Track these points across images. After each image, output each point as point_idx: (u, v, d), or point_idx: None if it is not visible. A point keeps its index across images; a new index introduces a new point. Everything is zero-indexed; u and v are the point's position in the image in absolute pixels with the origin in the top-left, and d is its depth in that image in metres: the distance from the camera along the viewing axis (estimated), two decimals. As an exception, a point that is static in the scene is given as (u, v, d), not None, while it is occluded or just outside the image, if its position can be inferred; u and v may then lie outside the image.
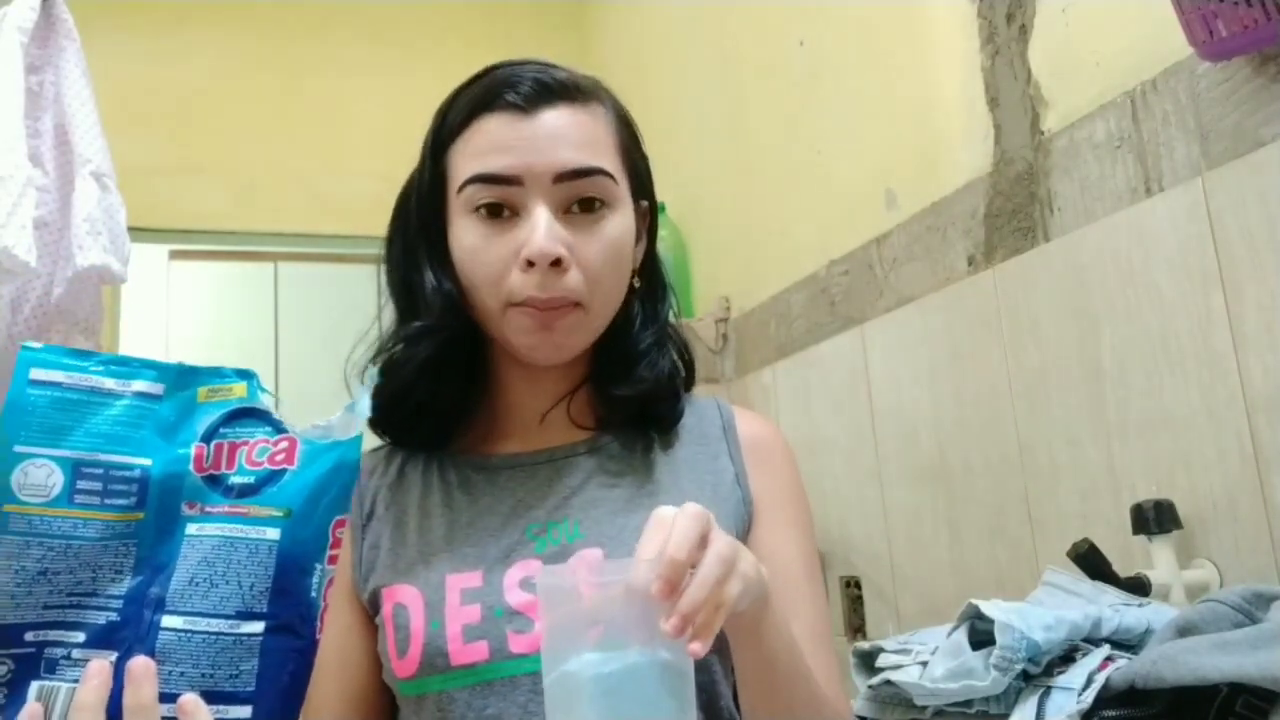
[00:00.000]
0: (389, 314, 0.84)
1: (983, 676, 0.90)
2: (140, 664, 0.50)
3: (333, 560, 0.54)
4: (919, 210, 1.57)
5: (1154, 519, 1.06)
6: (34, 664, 0.51)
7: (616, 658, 0.54)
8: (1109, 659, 0.88)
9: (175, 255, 3.89)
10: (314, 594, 0.53)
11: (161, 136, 2.86)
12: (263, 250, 3.39)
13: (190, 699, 0.50)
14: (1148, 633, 0.92)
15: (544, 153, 0.74)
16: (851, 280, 1.75)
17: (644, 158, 0.85)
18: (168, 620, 0.51)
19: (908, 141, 1.61)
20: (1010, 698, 0.91)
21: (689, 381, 0.88)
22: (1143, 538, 1.08)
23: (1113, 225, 1.19)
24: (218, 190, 2.93)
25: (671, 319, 0.88)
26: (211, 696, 0.50)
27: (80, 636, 0.51)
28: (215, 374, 0.55)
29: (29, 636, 0.51)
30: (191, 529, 0.53)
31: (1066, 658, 0.90)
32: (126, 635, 0.51)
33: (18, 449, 0.51)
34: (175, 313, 3.85)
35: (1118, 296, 1.18)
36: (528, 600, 0.74)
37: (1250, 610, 0.82)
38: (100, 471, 0.52)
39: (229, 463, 0.54)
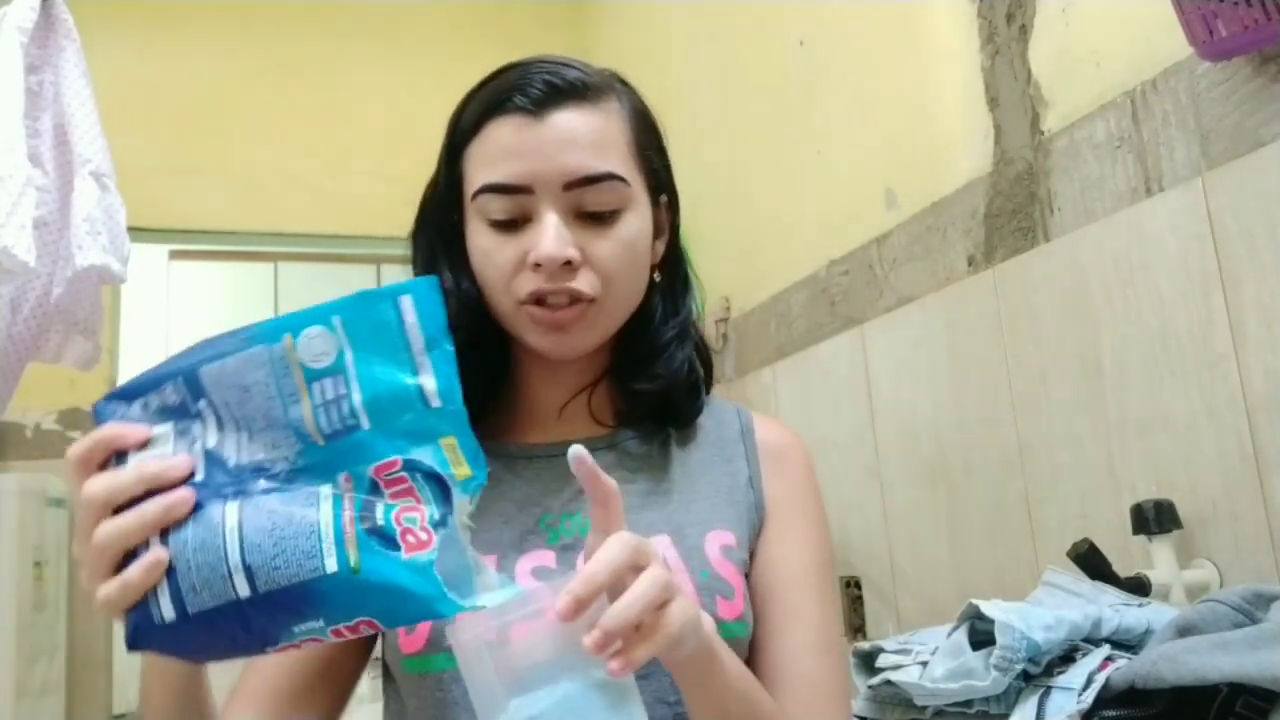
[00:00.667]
0: None
1: (983, 676, 0.90)
2: (185, 496, 0.53)
3: (336, 633, 0.54)
4: (919, 210, 1.57)
5: (1154, 519, 1.06)
6: (184, 415, 0.55)
7: (545, 694, 0.53)
8: (1109, 659, 0.88)
9: (175, 255, 3.90)
10: (296, 630, 0.53)
11: (161, 136, 2.87)
12: (263, 250, 3.40)
13: (158, 556, 0.52)
14: (1148, 633, 0.92)
15: (553, 159, 0.74)
16: (851, 280, 1.75)
17: (661, 152, 0.84)
18: (230, 509, 0.53)
19: (908, 141, 1.61)
20: (1010, 698, 0.91)
21: (707, 380, 0.88)
22: (1143, 538, 1.08)
23: (1113, 225, 1.19)
24: (218, 190, 2.93)
25: (695, 312, 0.87)
26: (171, 578, 0.52)
27: (212, 441, 0.55)
28: (469, 445, 0.56)
29: (201, 403, 0.55)
30: (324, 490, 0.54)
31: (1066, 658, 0.90)
32: (216, 480, 0.54)
33: (334, 318, 0.54)
34: (175, 313, 3.86)
35: (1118, 296, 1.18)
36: (534, 583, 0.74)
37: (1250, 610, 0.82)
38: (342, 393, 0.55)
39: (394, 495, 0.55)
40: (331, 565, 0.52)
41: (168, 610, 0.52)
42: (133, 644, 0.54)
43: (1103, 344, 1.20)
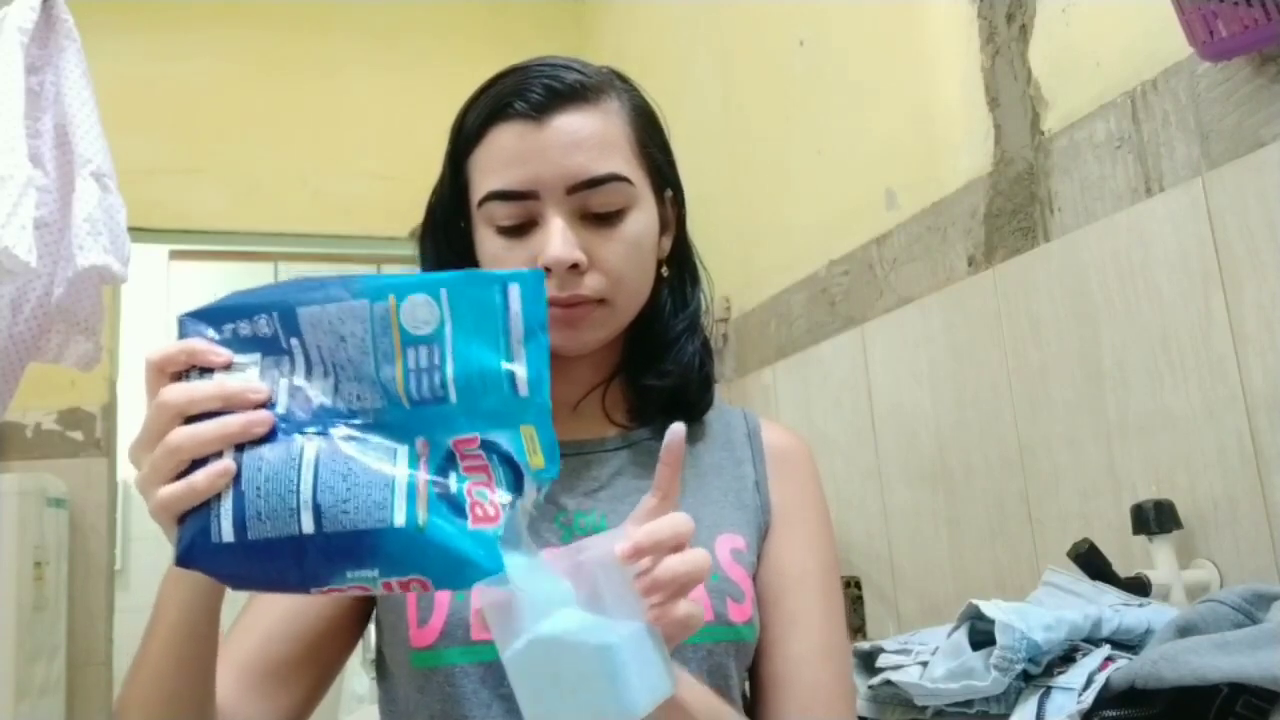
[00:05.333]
0: None
1: (983, 677, 0.90)
2: (265, 417, 0.54)
3: (386, 586, 0.55)
4: (919, 210, 1.57)
5: (1154, 519, 1.06)
6: (274, 349, 0.56)
7: (602, 620, 0.54)
8: (1109, 659, 0.88)
9: (175, 255, 3.90)
10: (349, 576, 0.54)
11: (161, 136, 2.87)
12: (263, 250, 3.39)
13: (228, 465, 0.53)
14: (1148, 633, 0.92)
15: (556, 163, 0.74)
16: (851, 280, 1.75)
17: (664, 147, 0.84)
18: (310, 442, 0.54)
19: (908, 141, 1.61)
20: (1010, 698, 0.91)
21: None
22: (1143, 538, 1.08)
23: (1113, 225, 1.19)
24: (218, 190, 2.93)
25: (704, 305, 0.88)
26: (238, 500, 0.53)
27: (299, 381, 0.56)
28: (548, 434, 0.57)
29: (294, 341, 0.56)
30: (400, 450, 0.56)
31: (1067, 658, 0.90)
32: (297, 415, 0.55)
33: (440, 290, 0.56)
34: (175, 313, 3.86)
35: (1118, 296, 1.18)
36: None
37: (1250, 610, 0.82)
38: (437, 364, 0.56)
39: (466, 469, 0.56)
40: (400, 519, 0.53)
41: (227, 531, 0.53)
42: (184, 560, 0.54)
43: (1103, 344, 1.20)
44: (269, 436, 0.54)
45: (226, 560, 0.54)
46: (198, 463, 0.53)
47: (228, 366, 0.55)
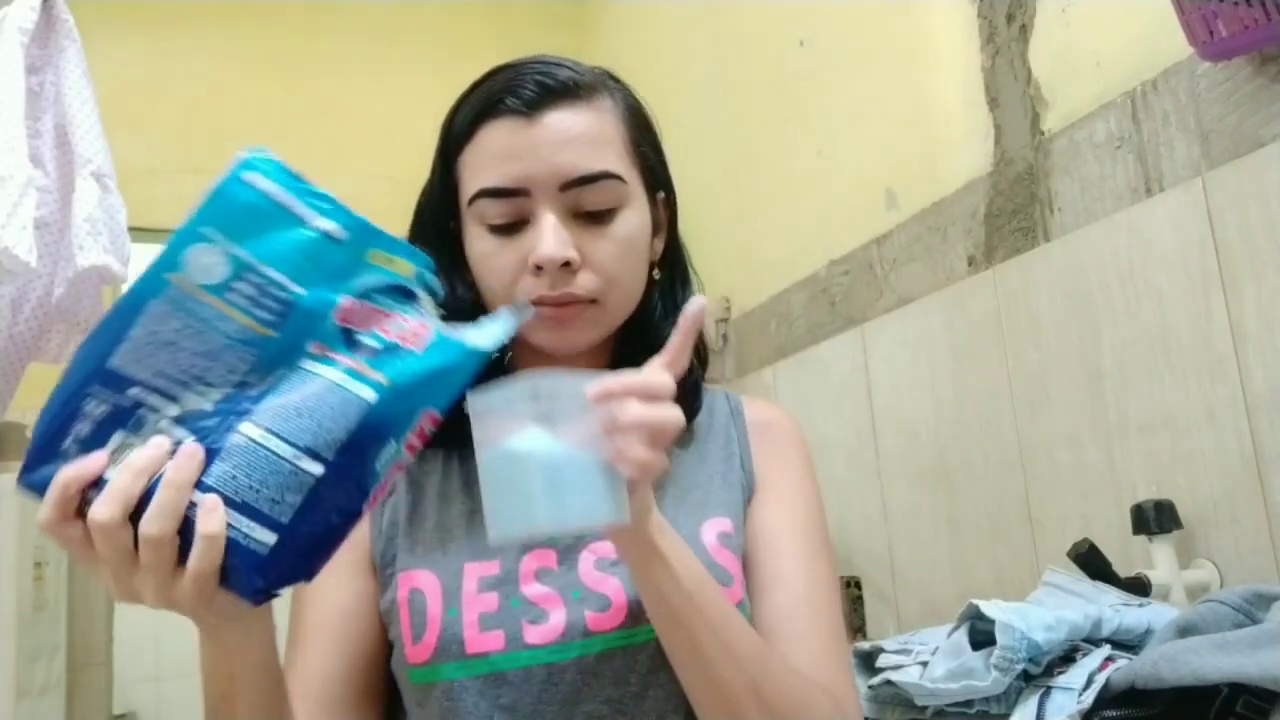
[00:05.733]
0: None
1: (983, 677, 0.90)
2: (190, 448, 0.53)
3: (410, 448, 0.57)
4: (919, 210, 1.57)
5: (1154, 519, 1.06)
6: (126, 417, 0.54)
7: (561, 445, 0.59)
8: (1109, 659, 0.88)
9: (175, 255, 3.90)
10: (378, 466, 0.55)
11: (161, 136, 2.86)
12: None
13: (212, 499, 0.52)
14: (1148, 633, 0.92)
15: (548, 160, 0.73)
16: (851, 280, 1.75)
17: (657, 148, 0.83)
18: (245, 427, 0.53)
19: (908, 141, 1.61)
20: (1011, 698, 0.91)
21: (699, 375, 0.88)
22: (1143, 538, 1.08)
23: (1113, 225, 1.19)
24: (218, 190, 2.93)
25: None
26: (249, 511, 0.52)
27: (175, 411, 0.54)
28: (392, 244, 0.58)
29: (133, 391, 0.54)
30: (307, 364, 0.55)
31: (1067, 658, 0.91)
32: (208, 426, 0.54)
33: (202, 229, 0.54)
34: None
35: (1118, 296, 1.18)
36: (543, 591, 0.74)
37: (1251, 610, 0.82)
38: (260, 281, 0.55)
39: (367, 325, 0.57)
40: (369, 395, 0.54)
41: (265, 535, 0.53)
42: (263, 594, 0.54)
43: (1103, 344, 1.20)
44: (210, 457, 0.53)
45: (287, 558, 0.54)
46: (184, 540, 0.52)
47: (109, 463, 0.53)
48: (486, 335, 0.59)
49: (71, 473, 0.52)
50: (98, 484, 0.52)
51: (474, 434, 0.61)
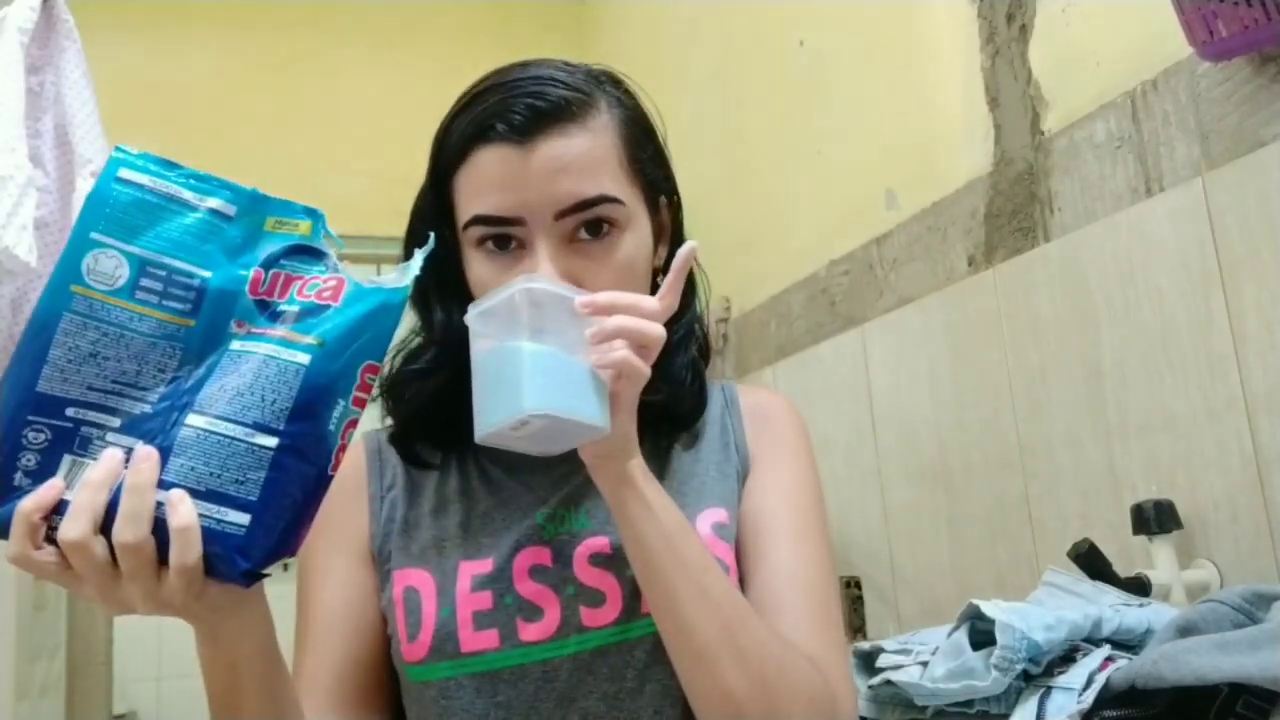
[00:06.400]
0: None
1: (983, 676, 0.90)
2: (143, 451, 0.53)
3: (357, 403, 0.57)
4: (919, 210, 1.57)
5: (1154, 519, 1.06)
6: (70, 439, 0.54)
7: (551, 348, 0.63)
8: (1109, 659, 0.88)
9: (175, 255, 3.90)
10: (331, 426, 0.56)
11: (161, 136, 2.85)
12: (263, 250, 3.39)
13: (178, 493, 0.53)
14: (1148, 633, 0.92)
15: (542, 189, 0.72)
16: (851, 280, 1.75)
17: (658, 155, 0.82)
18: (191, 419, 0.54)
19: (908, 141, 1.61)
20: (1011, 698, 0.91)
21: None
22: (1143, 538, 1.08)
23: (1113, 225, 1.19)
24: (218, 190, 2.93)
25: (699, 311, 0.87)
26: (216, 497, 0.53)
27: (116, 422, 0.55)
28: (285, 207, 0.59)
29: (69, 412, 0.54)
30: (235, 345, 0.56)
31: (1067, 658, 0.90)
32: (153, 428, 0.55)
33: (94, 235, 0.55)
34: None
35: (1118, 296, 1.18)
36: (538, 589, 0.74)
37: (1251, 610, 0.82)
38: (164, 274, 0.56)
39: (282, 292, 0.57)
40: (303, 358, 0.55)
41: (238, 517, 0.53)
42: (250, 571, 0.55)
43: (1103, 344, 1.20)
44: (166, 456, 0.54)
45: (265, 535, 0.54)
46: (160, 541, 0.52)
47: (64, 489, 0.53)
48: (401, 274, 0.60)
49: (30, 504, 0.52)
50: (60, 509, 0.53)
51: (470, 340, 0.66)
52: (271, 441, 0.54)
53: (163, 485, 0.53)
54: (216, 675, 0.61)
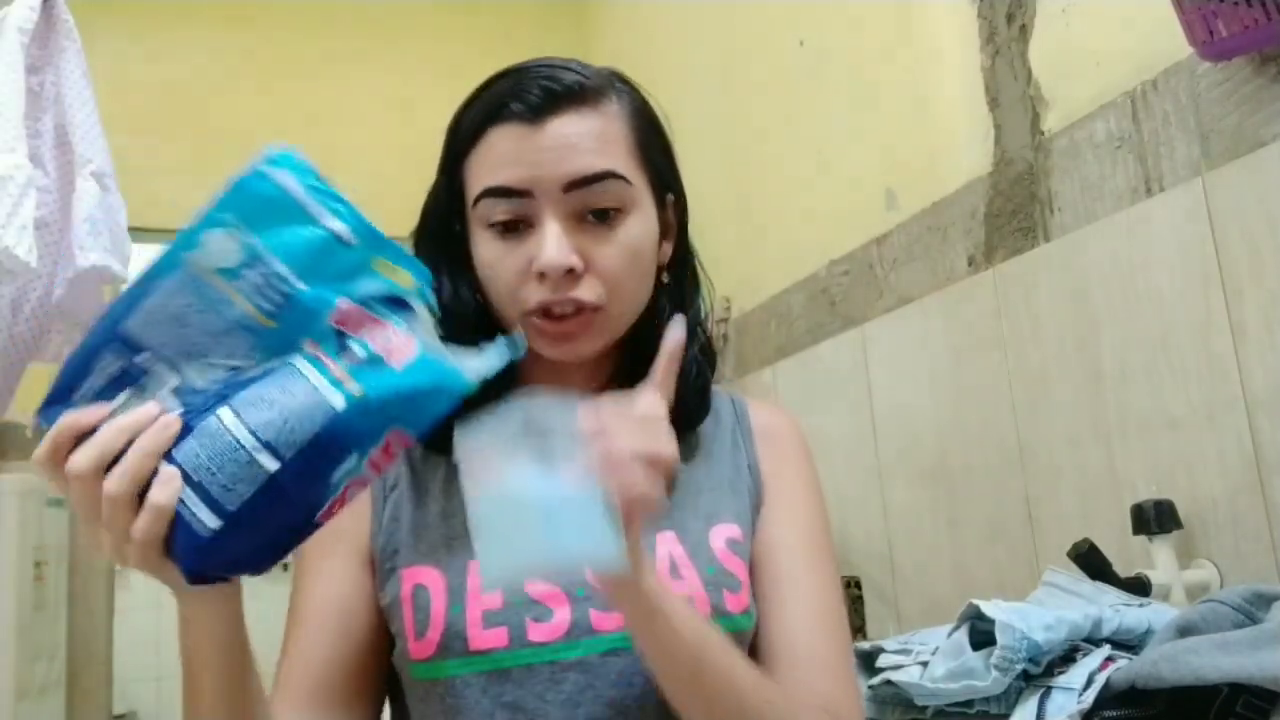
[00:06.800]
0: None
1: (983, 676, 0.90)
2: (166, 419, 0.55)
3: (373, 465, 0.57)
4: (919, 210, 1.57)
5: (1154, 519, 1.06)
6: (134, 379, 0.56)
7: (556, 483, 0.57)
8: (1109, 659, 0.88)
9: (175, 255, 3.90)
10: (335, 478, 0.56)
11: (161, 136, 2.86)
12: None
13: (172, 472, 0.54)
14: (1148, 633, 0.92)
15: (553, 163, 0.73)
16: (851, 280, 1.75)
17: (666, 151, 0.83)
18: (222, 411, 0.55)
19: (908, 141, 1.61)
20: (1011, 698, 0.91)
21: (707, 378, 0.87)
22: (1143, 538, 1.08)
23: (1113, 225, 1.19)
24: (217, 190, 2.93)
25: (703, 312, 0.87)
26: (201, 491, 0.54)
27: (174, 382, 0.56)
28: (399, 255, 0.59)
29: (140, 358, 0.56)
30: (296, 361, 0.57)
31: (1067, 658, 0.90)
32: (195, 403, 0.56)
33: (222, 215, 0.56)
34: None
35: (1118, 296, 1.18)
36: (547, 589, 0.74)
37: (1251, 610, 0.82)
38: (268, 272, 0.56)
39: (358, 330, 0.58)
40: (339, 402, 0.55)
41: (210, 519, 0.54)
42: (193, 570, 0.55)
43: (1103, 344, 1.20)
44: (186, 432, 0.55)
45: (228, 546, 0.55)
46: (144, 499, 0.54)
47: (108, 417, 0.55)
48: (475, 365, 0.59)
49: (71, 419, 0.55)
50: (94, 433, 0.55)
51: (461, 473, 0.59)
52: (272, 465, 0.54)
53: (168, 458, 0.54)
54: (183, 656, 0.63)
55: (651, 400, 0.63)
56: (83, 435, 0.55)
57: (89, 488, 0.54)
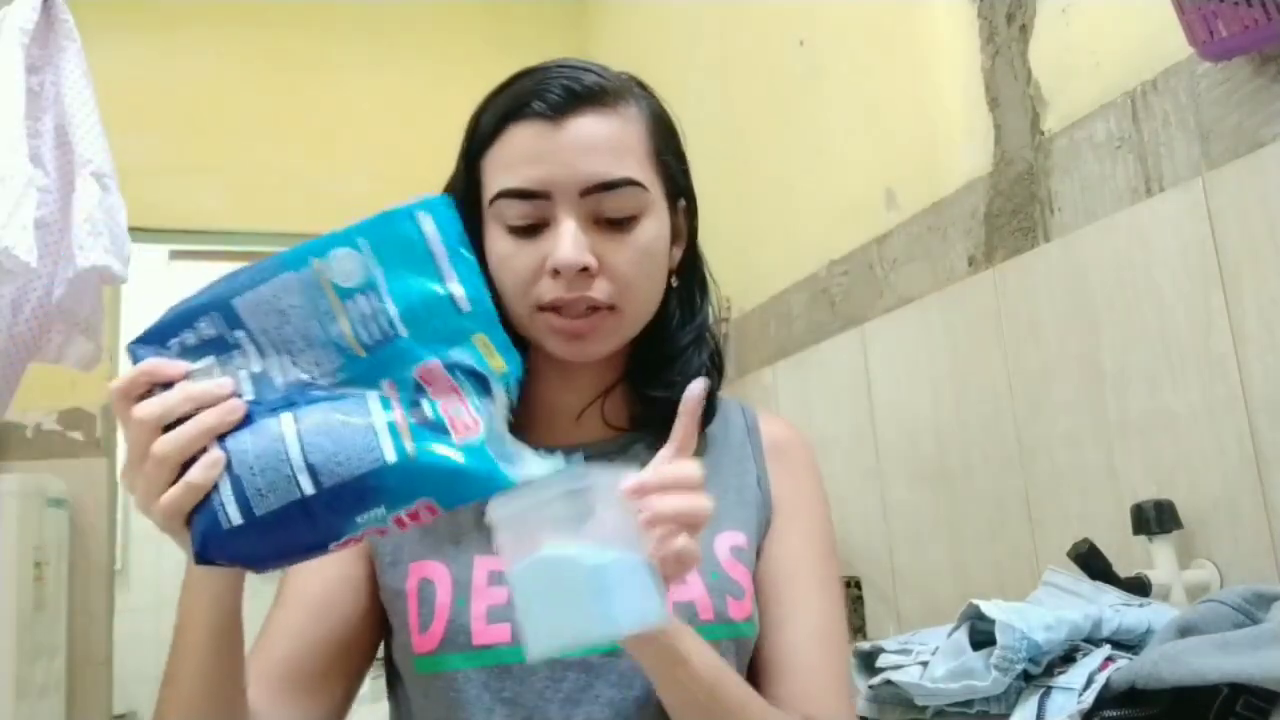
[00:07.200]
0: None
1: (983, 677, 0.90)
2: (235, 403, 0.57)
3: (398, 521, 0.57)
4: (919, 210, 1.57)
5: (1154, 519, 1.06)
6: (224, 348, 0.58)
7: (600, 548, 0.57)
8: (1109, 659, 0.88)
9: (175, 255, 3.89)
10: (360, 519, 0.56)
11: (161, 136, 2.86)
12: (263, 250, 3.39)
13: (218, 455, 0.56)
14: (1148, 633, 0.92)
15: (571, 165, 0.74)
16: (851, 280, 1.75)
17: (679, 156, 0.84)
18: (285, 417, 0.57)
19: (908, 141, 1.61)
20: (1011, 698, 0.91)
21: (717, 384, 0.88)
22: (1143, 538, 1.08)
23: (1113, 225, 1.19)
24: (218, 190, 2.93)
25: (711, 316, 0.87)
26: (238, 485, 0.56)
27: (257, 368, 0.58)
28: (503, 341, 0.60)
29: (238, 333, 0.58)
30: (370, 398, 0.58)
31: (1067, 658, 0.91)
32: (267, 398, 0.58)
33: (359, 240, 0.58)
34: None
35: (1118, 296, 1.18)
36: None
37: (1251, 610, 0.82)
38: (378, 307, 0.58)
39: (437, 393, 0.59)
40: (390, 455, 0.56)
41: (235, 515, 0.55)
42: (203, 555, 0.57)
43: (1103, 344, 1.20)
44: (246, 422, 0.57)
45: (242, 543, 0.56)
46: (188, 467, 0.55)
47: (185, 376, 0.57)
48: (525, 468, 0.59)
49: (153, 365, 0.57)
50: (169, 386, 0.57)
51: (501, 542, 0.59)
52: (309, 489, 0.55)
53: (220, 440, 0.56)
54: (179, 610, 0.65)
55: (685, 461, 0.64)
56: (157, 384, 0.57)
57: (145, 436, 0.56)
